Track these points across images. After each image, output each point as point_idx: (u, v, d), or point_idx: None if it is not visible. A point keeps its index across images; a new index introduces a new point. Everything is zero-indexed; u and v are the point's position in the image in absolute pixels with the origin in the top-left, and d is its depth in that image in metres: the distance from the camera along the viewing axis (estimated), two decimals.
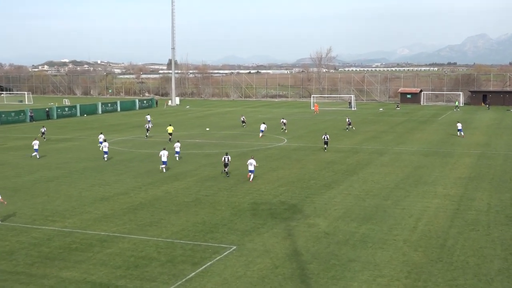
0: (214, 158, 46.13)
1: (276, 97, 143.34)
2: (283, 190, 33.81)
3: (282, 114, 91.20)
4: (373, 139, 58.81)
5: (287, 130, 66.19)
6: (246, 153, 48.58)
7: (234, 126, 72.49)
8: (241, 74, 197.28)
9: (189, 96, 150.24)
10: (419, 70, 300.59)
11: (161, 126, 73.47)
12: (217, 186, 35.11)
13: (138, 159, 46.47)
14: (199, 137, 61.54)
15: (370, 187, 34.53)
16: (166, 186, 35.43)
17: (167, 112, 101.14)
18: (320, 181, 36.68)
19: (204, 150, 51.24)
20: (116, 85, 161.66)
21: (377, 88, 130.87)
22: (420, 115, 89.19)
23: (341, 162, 44.22)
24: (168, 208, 29.82)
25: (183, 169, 41.29)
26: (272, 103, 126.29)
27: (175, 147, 46.03)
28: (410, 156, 46.78)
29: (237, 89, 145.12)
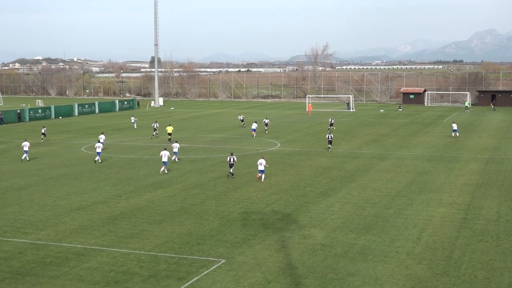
0: (201, 164, 46.11)
1: (268, 97, 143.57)
2: (276, 199, 33.83)
3: (275, 116, 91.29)
4: (374, 142, 59.01)
5: (268, 131, 68.21)
6: (237, 158, 48.59)
7: (222, 129, 72.50)
8: (230, 73, 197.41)
9: (174, 96, 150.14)
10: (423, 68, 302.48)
11: (144, 129, 73.31)
12: (204, 194, 35.09)
13: (118, 165, 46.34)
14: (185, 141, 61.46)
15: (370, 195, 34.62)
16: (148, 194, 35.36)
17: (149, 113, 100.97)
18: (316, 188, 36.73)
19: (190, 155, 51.18)
20: (94, 85, 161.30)
21: (377, 87, 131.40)
22: (424, 117, 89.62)
23: (339, 167, 44.31)
24: (151, 218, 29.75)
25: (167, 176, 41.23)
26: (264, 104, 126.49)
27: (173, 147, 47.40)
28: (413, 161, 46.97)
29: (225, 89, 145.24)
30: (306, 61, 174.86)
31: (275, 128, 73.27)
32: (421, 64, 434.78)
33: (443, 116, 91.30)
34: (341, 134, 65.89)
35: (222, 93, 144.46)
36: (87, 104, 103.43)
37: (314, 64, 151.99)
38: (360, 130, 70.55)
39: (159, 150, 54.37)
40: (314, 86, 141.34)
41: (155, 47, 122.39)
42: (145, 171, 43.19)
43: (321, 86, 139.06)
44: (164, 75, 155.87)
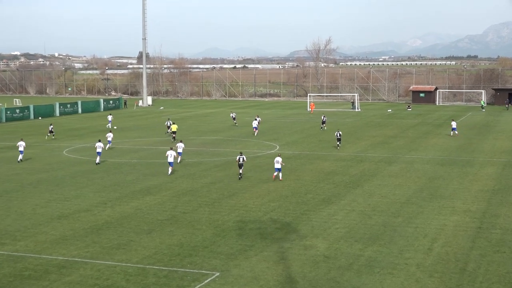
0: (193, 169, 46.08)
1: (266, 96, 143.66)
2: (274, 206, 33.82)
3: (274, 116, 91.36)
4: (381, 145, 59.06)
5: (265, 132, 69.45)
6: (231, 162, 48.59)
7: (216, 130, 72.52)
8: (225, 69, 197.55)
9: (164, 95, 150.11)
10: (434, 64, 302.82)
11: (130, 131, 73.26)
12: (196, 202, 35.06)
13: (103, 169, 46.29)
14: (175, 143, 61.41)
15: (377, 202, 34.63)
16: (136, 201, 35.31)
17: (137, 114, 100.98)
18: (319, 195, 36.74)
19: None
20: (77, 82, 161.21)
21: (384, 85, 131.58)
22: (435, 117, 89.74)
23: (343, 172, 44.33)
24: (139, 227, 29.71)
25: (156, 182, 41.20)
26: (261, 103, 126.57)
27: (177, 147, 48.28)
28: (424, 165, 47.01)
29: (220, 87, 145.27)
30: (307, 57, 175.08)
31: (274, 129, 73.32)
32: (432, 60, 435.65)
33: (456, 116, 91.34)
34: (346, 136, 65.91)
35: (216, 91, 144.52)
36: (69, 104, 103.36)
37: (316, 60, 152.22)
38: (366, 132, 70.62)
39: (147, 153, 54.38)
40: (316, 84, 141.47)
41: (143, 41, 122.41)
42: (132, 176, 43.16)
43: (324, 83, 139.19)
44: (153, 72, 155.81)
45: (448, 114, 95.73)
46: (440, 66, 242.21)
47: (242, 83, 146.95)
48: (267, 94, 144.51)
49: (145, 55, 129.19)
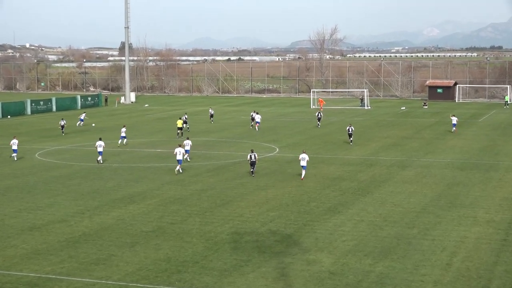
0: (182, 174, 46.06)
1: (264, 92, 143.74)
2: (274, 216, 33.81)
3: (273, 114, 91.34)
4: (393, 147, 59.11)
5: (257, 128, 72.49)
6: (224, 167, 48.61)
7: (208, 131, 72.53)
8: (218, 62, 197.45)
9: (149, 91, 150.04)
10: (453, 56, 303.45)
11: (111, 131, 73.21)
12: (185, 211, 35.04)
13: (80, 175, 46.26)
14: (162, 145, 61.39)
15: (389, 212, 34.64)
16: (118, 211, 35.28)
17: (118, 112, 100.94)
18: (324, 203, 36.74)
19: (169, 163, 51.13)
20: (51, 77, 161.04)
21: (397, 80, 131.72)
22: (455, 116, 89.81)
23: (350, 178, 44.35)
24: (121, 240, 29.68)
25: (140, 188, 41.18)
26: (259, 100, 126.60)
27: (184, 145, 49.59)
28: (442, 170, 47.06)
29: (212, 82, 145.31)
30: (310, 48, 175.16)
31: (273, 130, 73.36)
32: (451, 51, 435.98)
33: (478, 115, 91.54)
34: (354, 137, 65.93)
35: (208, 86, 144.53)
36: (42, 101, 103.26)
37: (320, 52, 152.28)
38: (376, 132, 70.66)
39: (130, 156, 54.35)
40: (321, 78, 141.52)
41: (126, 30, 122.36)
42: (113, 183, 43.13)
43: (329, 78, 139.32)
44: (137, 64, 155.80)
45: (469, 112, 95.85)
46: (460, 58, 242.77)
47: (237, 77, 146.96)
48: (265, 90, 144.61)
49: (127, 46, 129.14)
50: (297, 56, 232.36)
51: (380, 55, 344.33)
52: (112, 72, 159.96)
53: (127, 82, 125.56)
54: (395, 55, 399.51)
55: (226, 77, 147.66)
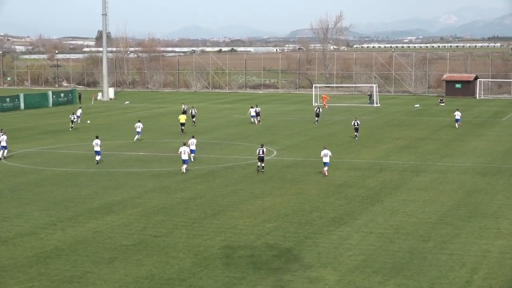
0: (167, 180, 46.02)
1: (260, 87, 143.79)
2: (271, 228, 33.79)
3: (270, 113, 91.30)
4: (406, 149, 59.14)
5: (262, 122, 76.35)
6: (215, 172, 48.60)
7: (196, 131, 72.41)
8: (207, 53, 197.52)
9: (129, 86, 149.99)
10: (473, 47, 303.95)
11: (86, 132, 73.09)
12: (171, 222, 34.99)
13: (52, 181, 46.17)
14: (144, 147, 61.33)
15: (402, 222, 34.64)
16: (94, 222, 35.21)
17: (95, 110, 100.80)
18: (327, 213, 36.73)
19: (152, 167, 51.08)
20: (19, 70, 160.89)
21: (410, 74, 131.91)
22: (475, 114, 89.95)
23: (358, 184, 44.36)
24: (98, 255, 29.63)
25: (120, 197, 41.10)
26: (254, 96, 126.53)
27: (189, 144, 51.51)
28: (461, 176, 47.10)
29: (201, 76, 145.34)
30: (312, 38, 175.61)
31: (270, 130, 73.37)
32: (471, 41, 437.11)
33: (501, 113, 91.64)
34: (362, 138, 65.99)
35: (196, 81, 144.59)
36: (8, 97, 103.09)
37: (323, 42, 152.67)
38: (387, 133, 70.69)
39: (109, 160, 54.26)
40: (324, 72, 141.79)
41: (103, 17, 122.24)
42: (89, 190, 43.06)
43: (333, 71, 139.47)
44: (116, 56, 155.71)
45: (491, 110, 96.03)
46: (481, 49, 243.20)
47: (229, 71, 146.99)
48: (262, 85, 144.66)
49: (105, 35, 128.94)
50: (297, 47, 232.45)
51: (391, 46, 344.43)
52: (88, 65, 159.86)
53: (104, 76, 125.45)
54: (408, 45, 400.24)
55: (217, 70, 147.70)
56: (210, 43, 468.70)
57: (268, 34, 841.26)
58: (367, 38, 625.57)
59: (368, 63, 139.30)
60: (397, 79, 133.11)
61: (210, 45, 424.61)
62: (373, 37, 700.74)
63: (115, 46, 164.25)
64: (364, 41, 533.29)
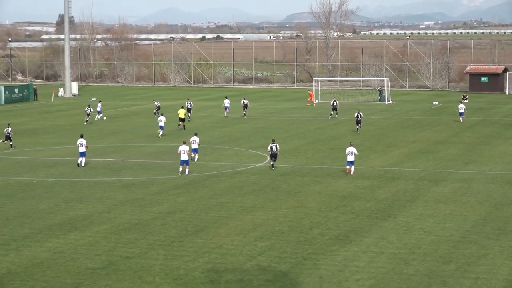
0: (141, 191, 45.90)
1: (251, 81, 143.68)
2: (264, 247, 33.76)
3: (263, 112, 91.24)
4: (422, 155, 59.17)
5: (248, 115, 79.20)
6: (198, 181, 48.54)
7: (175, 134, 72.35)
8: (189, 41, 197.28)
9: (96, 80, 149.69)
10: (502, 33, 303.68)
11: (45, 134, 72.89)
12: (146, 240, 34.91)
13: (5, 193, 45.97)
14: (114, 152, 61.21)
15: (418, 241, 34.65)
16: (55, 241, 35.10)
17: (55, 108, 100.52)
18: (330, 230, 36.72)
19: (123, 176, 51.00)
20: None
21: (428, 65, 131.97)
22: (504, 113, 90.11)
23: (366, 196, 44.36)
24: (59, 280, 29.55)
25: (85, 211, 40.98)
26: (244, 91, 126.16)
27: (191, 143, 54.19)
28: (488, 185, 47.12)
29: (181, 68, 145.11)
30: (312, 23, 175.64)
31: (262, 132, 73.33)
32: (500, 27, 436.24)
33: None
34: (371, 141, 66.02)
35: (176, 74, 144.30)
36: None
37: (325, 28, 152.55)
38: (400, 135, 70.69)
39: (72, 168, 54.17)
40: (326, 63, 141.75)
41: (65, 0, 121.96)
42: (49, 203, 42.93)
43: (337, 63, 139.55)
44: (81, 45, 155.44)
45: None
46: (511, 36, 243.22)
47: (214, 62, 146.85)
48: (253, 79, 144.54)
49: (68, 20, 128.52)
50: (295, 33, 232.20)
51: (405, 32, 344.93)
52: (47, 55, 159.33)
53: (67, 69, 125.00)
54: (425, 32, 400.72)
55: (200, 61, 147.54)
56: (191, 29, 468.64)
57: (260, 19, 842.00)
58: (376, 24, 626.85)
59: (378, 52, 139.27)
60: (413, 71, 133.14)
61: (191, 31, 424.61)
62: (384, 22, 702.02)
63: (80, 32, 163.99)
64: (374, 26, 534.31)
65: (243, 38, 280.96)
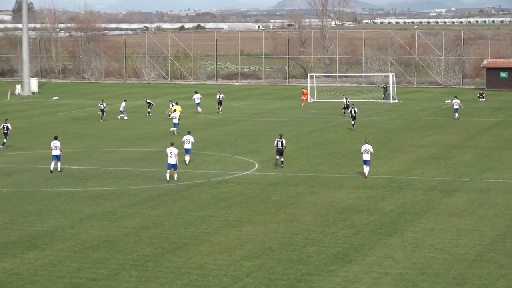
0: (110, 203, 45.81)
1: (236, 77, 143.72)
2: (251, 267, 33.76)
3: (251, 112, 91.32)
4: (433, 161, 59.29)
5: (223, 110, 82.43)
6: (176, 192, 48.49)
7: (150, 137, 72.40)
8: (166, 32, 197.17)
9: (59, 76, 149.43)
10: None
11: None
12: (116, 260, 34.84)
13: None
14: (79, 159, 61.16)
15: (428, 259, 34.69)
16: (11, 260, 35.01)
17: (11, 108, 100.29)
18: (327, 247, 36.74)
19: (90, 186, 50.92)
20: None
21: (439, 59, 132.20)
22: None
23: (369, 208, 44.40)
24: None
25: (46, 226, 40.87)
26: (229, 89, 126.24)
27: (183, 142, 56.49)
28: (508, 196, 47.19)
29: (156, 62, 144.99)
30: (306, 10, 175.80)
31: (250, 135, 73.34)
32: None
33: None
34: (373, 146, 65.67)
35: (150, 69, 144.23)
36: None
37: (322, 16, 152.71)
38: (407, 138, 70.80)
39: (30, 176, 54.06)
40: (323, 57, 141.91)
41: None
42: (4, 217, 42.81)
43: (335, 56, 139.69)
44: (41, 36, 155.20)
45: None
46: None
47: (195, 55, 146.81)
48: (239, 75, 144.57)
49: (26, 7, 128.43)
50: (287, 22, 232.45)
51: (413, 22, 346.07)
52: (2, 47, 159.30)
53: (25, 63, 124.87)
54: (435, 20, 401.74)
55: (178, 54, 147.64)
56: (168, 18, 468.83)
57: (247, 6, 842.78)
58: (380, 11, 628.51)
59: (382, 44, 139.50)
60: (421, 66, 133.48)
61: (168, 20, 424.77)
62: (389, 10, 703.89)
63: (40, 21, 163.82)
64: (377, 14, 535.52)
65: (227, 28, 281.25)
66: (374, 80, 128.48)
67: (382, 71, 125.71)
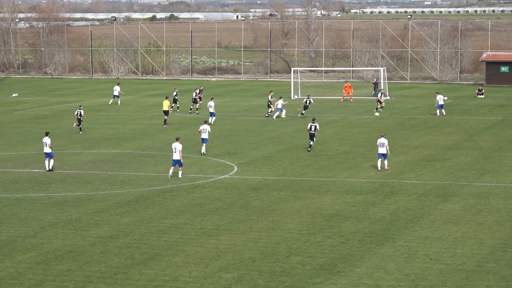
0: (76, 210, 45.76)
1: (213, 72, 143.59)
2: (230, 280, 33.81)
3: (229, 110, 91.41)
4: (428, 163, 59.45)
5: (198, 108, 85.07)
6: (147, 197, 48.45)
7: (119, 138, 72.30)
8: (136, 22, 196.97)
9: (19, 70, 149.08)
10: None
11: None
12: (82, 272, 34.81)
13: None
14: (41, 162, 61.11)
15: (422, 271, 34.83)
16: None
17: None
18: (313, 258, 36.82)
19: (53, 191, 50.84)
20: None
21: (435, 52, 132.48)
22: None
23: (358, 215, 44.49)
24: None
25: (5, 235, 40.81)
26: (205, 85, 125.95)
27: (200, 132, 60.41)
28: (509, 201, 47.37)
29: (126, 56, 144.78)
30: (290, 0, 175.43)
31: (229, 135, 73.31)
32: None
33: None
34: (363, 147, 66.23)
35: (119, 63, 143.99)
36: None
37: (306, 5, 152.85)
38: (400, 139, 70.96)
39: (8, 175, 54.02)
40: (307, 50, 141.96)
41: None
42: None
43: (321, 49, 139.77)
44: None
45: None
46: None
47: (167, 48, 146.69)
48: (216, 69, 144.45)
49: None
50: (268, 12, 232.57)
51: (406, 11, 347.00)
52: None
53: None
54: (430, 10, 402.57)
55: (150, 47, 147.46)
56: (138, 7, 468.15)
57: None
58: (370, 0, 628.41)
59: (372, 36, 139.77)
60: (415, 59, 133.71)
61: (138, 9, 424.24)
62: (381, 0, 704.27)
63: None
64: (367, 3, 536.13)
65: (203, 18, 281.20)
66: (364, 75, 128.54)
67: (372, 65, 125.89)
